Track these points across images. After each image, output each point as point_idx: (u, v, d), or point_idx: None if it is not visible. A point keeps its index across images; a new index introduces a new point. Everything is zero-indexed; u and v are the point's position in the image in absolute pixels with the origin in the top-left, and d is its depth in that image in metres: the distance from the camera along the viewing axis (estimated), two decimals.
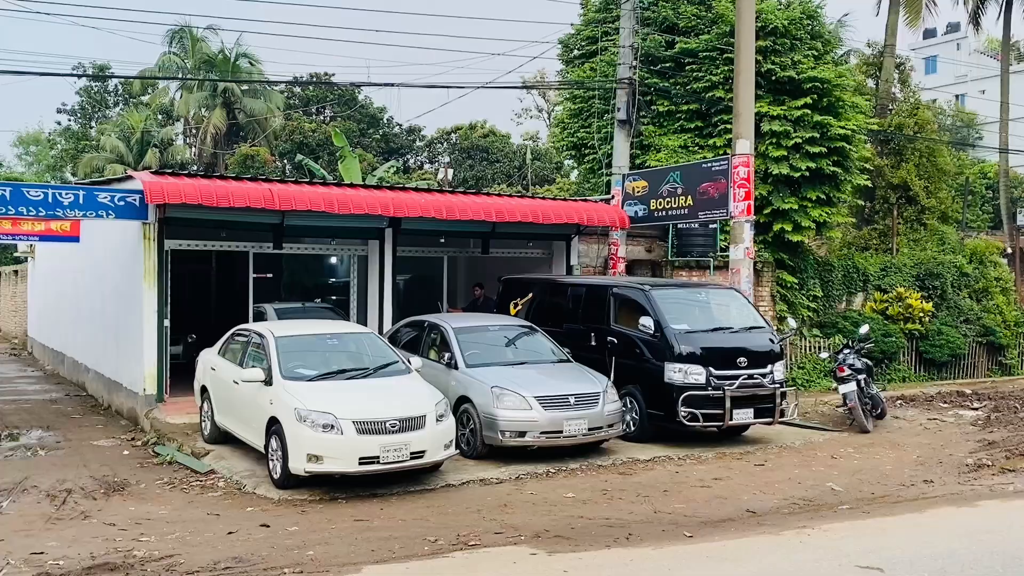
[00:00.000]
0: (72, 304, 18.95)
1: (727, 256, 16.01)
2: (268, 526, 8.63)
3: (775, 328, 15.76)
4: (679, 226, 18.03)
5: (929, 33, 56.11)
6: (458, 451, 10.93)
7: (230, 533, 8.39)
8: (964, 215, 32.44)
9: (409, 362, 11.33)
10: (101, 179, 20.59)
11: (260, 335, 11.27)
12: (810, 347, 19.15)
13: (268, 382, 10.42)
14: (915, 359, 20.93)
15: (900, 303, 20.67)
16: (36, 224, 12.73)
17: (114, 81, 49.29)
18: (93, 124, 50.34)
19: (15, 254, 28.60)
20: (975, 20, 34.00)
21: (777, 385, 12.76)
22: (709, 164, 16.23)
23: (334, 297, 19.42)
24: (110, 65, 45.93)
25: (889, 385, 18.94)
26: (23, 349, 27.05)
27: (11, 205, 12.41)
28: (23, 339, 27.78)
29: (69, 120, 50.91)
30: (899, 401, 16.76)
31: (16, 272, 30.21)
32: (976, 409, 16.15)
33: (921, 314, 20.60)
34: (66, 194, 12.85)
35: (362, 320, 15.71)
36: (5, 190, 12.55)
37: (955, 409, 16.21)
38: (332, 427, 9.61)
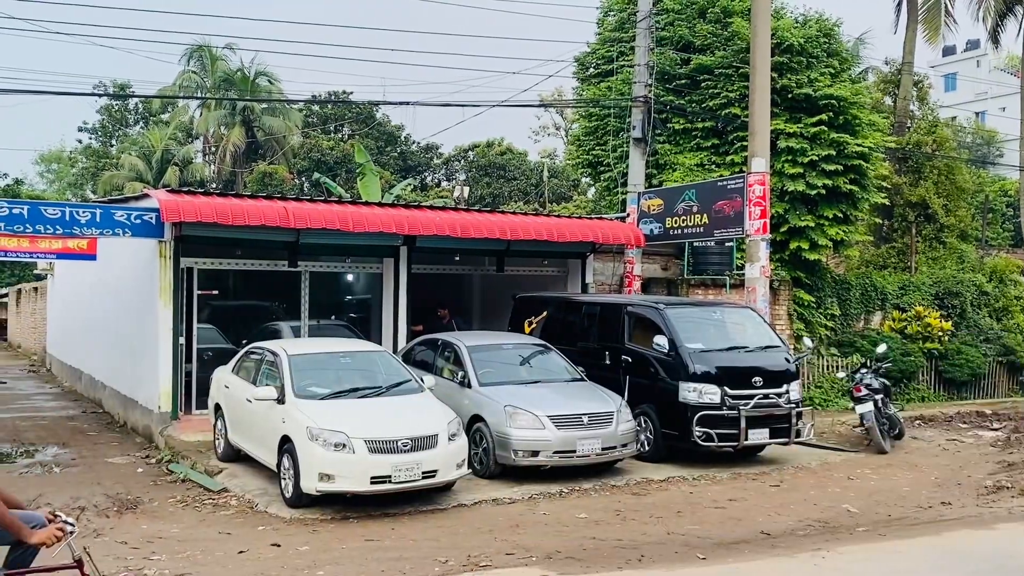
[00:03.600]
0: (89, 321, 19.08)
1: (743, 274, 15.92)
2: (279, 545, 8.61)
3: (791, 347, 15.66)
4: (695, 244, 18.00)
5: (948, 50, 55.94)
6: (471, 470, 10.87)
7: (241, 552, 8.38)
8: (984, 233, 32.18)
9: (422, 380, 11.30)
10: (118, 197, 20.78)
11: (273, 353, 11.29)
12: (827, 366, 18.98)
13: (281, 400, 10.42)
14: (934, 379, 20.69)
15: (919, 322, 20.46)
16: (54, 242, 12.84)
17: (134, 100, 49.89)
18: (114, 142, 50.92)
19: (36, 271, 28.88)
20: (994, 37, 33.74)
21: (793, 405, 12.66)
22: (724, 182, 16.18)
23: (351, 315, 19.45)
24: (131, 84, 46.51)
25: (907, 405, 18.73)
26: (42, 365, 27.26)
27: (29, 223, 12.53)
28: (42, 355, 28.00)
29: (90, 138, 51.54)
30: (917, 421, 16.59)
31: (36, 289, 30.50)
32: (996, 430, 15.96)
33: (940, 333, 20.37)
34: (83, 212, 12.97)
35: (376, 338, 15.72)
36: (23, 208, 12.69)
37: (974, 430, 16.03)
38: (344, 446, 9.58)
